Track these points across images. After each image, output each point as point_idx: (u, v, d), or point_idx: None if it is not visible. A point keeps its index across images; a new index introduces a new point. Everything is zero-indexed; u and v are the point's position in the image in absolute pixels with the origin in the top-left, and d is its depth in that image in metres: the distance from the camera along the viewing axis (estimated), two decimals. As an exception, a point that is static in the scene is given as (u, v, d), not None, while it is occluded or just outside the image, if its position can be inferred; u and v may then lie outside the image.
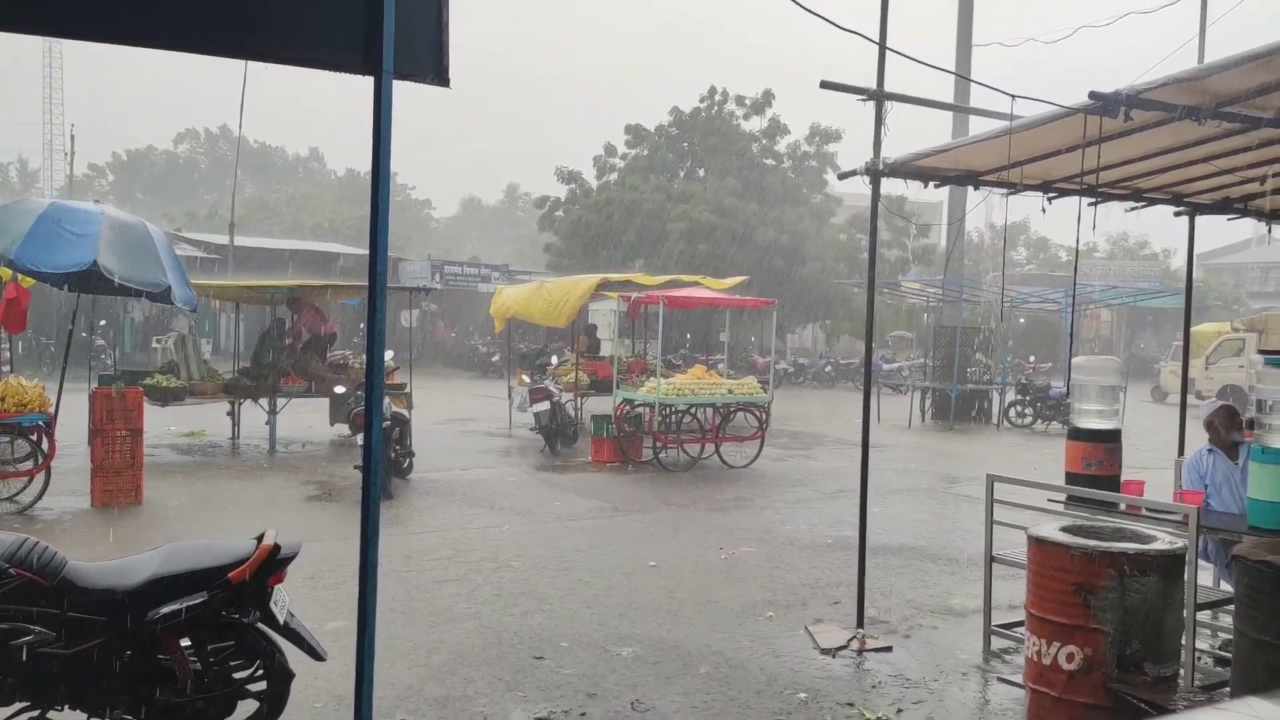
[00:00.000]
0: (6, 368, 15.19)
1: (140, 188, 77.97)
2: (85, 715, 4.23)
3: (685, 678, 5.80)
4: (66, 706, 4.16)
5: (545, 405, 15.11)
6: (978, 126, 8.90)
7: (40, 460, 9.99)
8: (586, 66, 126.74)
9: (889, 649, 6.39)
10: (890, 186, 6.84)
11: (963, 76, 9.57)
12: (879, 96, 6.32)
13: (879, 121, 6.39)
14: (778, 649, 6.36)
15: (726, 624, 6.86)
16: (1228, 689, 4.89)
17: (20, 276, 11.04)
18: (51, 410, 10.07)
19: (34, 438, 10.02)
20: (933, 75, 6.81)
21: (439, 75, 3.31)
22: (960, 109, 7.77)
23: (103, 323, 26.93)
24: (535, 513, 10.67)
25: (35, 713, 4.13)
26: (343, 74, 3.24)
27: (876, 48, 6.22)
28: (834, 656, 6.24)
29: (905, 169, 6.71)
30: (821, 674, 5.94)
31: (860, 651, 6.33)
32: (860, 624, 6.68)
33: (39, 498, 9.95)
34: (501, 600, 7.26)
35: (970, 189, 7.11)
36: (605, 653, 6.17)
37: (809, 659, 6.20)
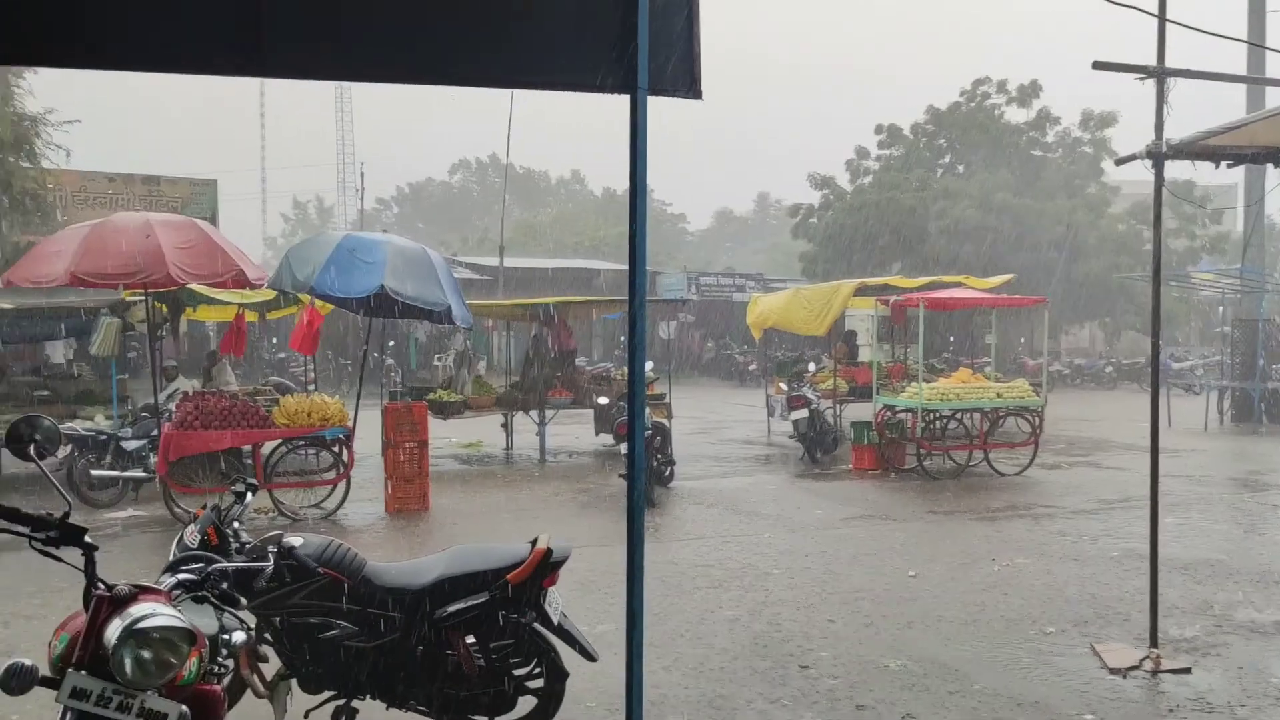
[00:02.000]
0: (312, 386, 16.75)
1: (420, 217, 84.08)
2: (384, 705, 4.57)
3: (959, 694, 5.56)
4: (368, 696, 4.51)
5: (803, 413, 14.99)
6: (1275, 100, 8.07)
7: (341, 470, 10.93)
8: (830, 67, 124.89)
9: (1188, 670, 5.87)
10: (1176, 171, 6.31)
11: (1258, 45, 8.71)
12: (1160, 73, 5.85)
13: (1160, 101, 5.91)
14: (1059, 667, 5.98)
15: (1001, 639, 6.53)
16: None
17: (317, 302, 12.15)
18: (350, 424, 11.00)
19: (335, 450, 10.98)
20: (1220, 49, 6.24)
21: (691, 88, 3.37)
22: (1256, 81, 7.06)
23: (391, 343, 29.20)
24: (795, 520, 10.59)
25: (341, 701, 4.51)
26: (600, 95, 3.37)
27: (1155, 22, 5.78)
28: (1124, 677, 5.80)
29: (1192, 150, 6.16)
30: (1110, 695, 5.54)
31: (1154, 672, 5.85)
32: (1154, 643, 6.17)
33: (341, 504, 10.90)
34: (763, 608, 7.25)
35: (1270, 167, 6.45)
36: (871, 665, 6.03)
37: (1095, 679, 5.79)
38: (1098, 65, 5.97)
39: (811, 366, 17.83)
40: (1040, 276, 29.82)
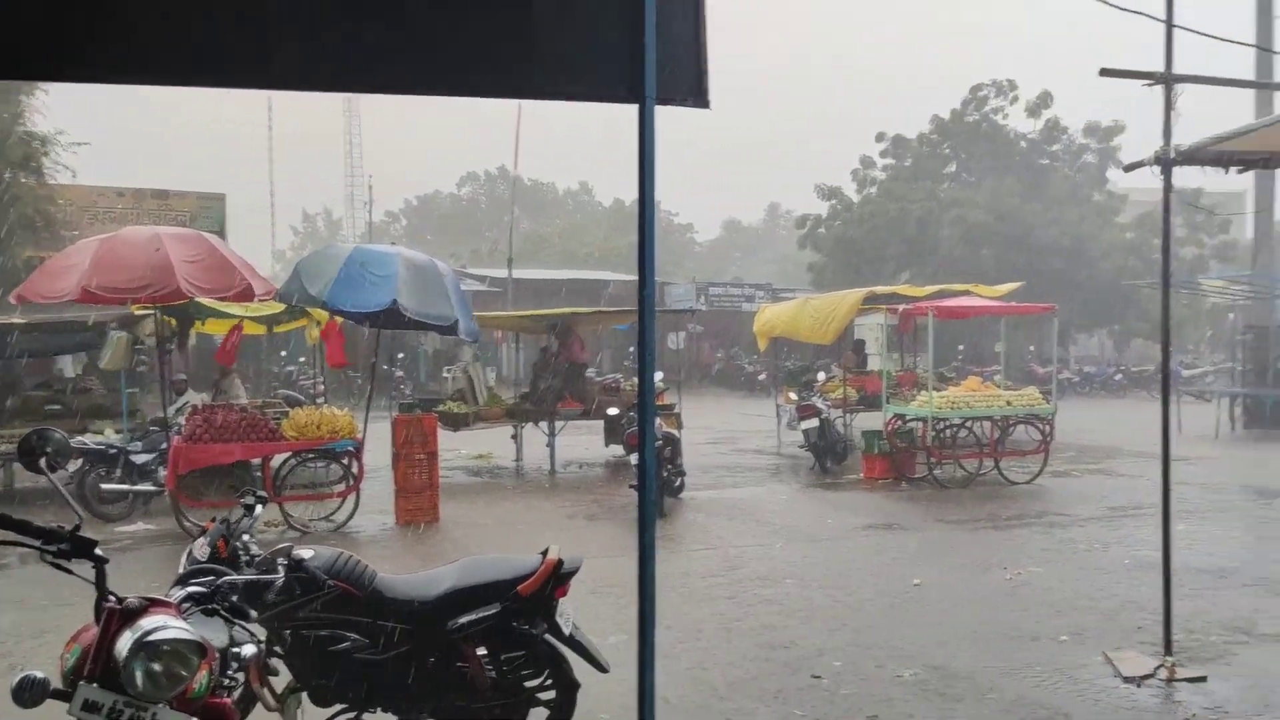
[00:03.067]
0: (321, 399, 16.77)
1: (429, 229, 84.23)
2: (395, 718, 4.55)
3: (972, 703, 5.53)
4: (379, 709, 4.50)
5: (814, 422, 14.96)
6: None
7: (351, 483, 10.93)
8: (836, 74, 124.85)
9: (1203, 679, 5.83)
10: (1184, 179, 6.30)
11: (1267, 49, 8.70)
12: (1167, 79, 5.84)
13: (1168, 107, 5.90)
14: (1073, 676, 5.95)
15: (1013, 648, 6.50)
16: None
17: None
18: (360, 437, 11.00)
19: (345, 462, 10.99)
20: (1226, 55, 6.22)
21: (699, 98, 3.36)
22: (1264, 86, 7.04)
23: (400, 356, 29.22)
24: (807, 530, 10.56)
25: (351, 714, 4.49)
26: (608, 105, 3.36)
27: (1163, 28, 5.77)
28: (1139, 685, 5.76)
29: (1201, 155, 6.14)
30: (1125, 704, 5.50)
31: (1169, 681, 5.80)
32: (1168, 651, 6.12)
33: (351, 517, 10.89)
34: (775, 618, 7.22)
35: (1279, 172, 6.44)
36: (883, 675, 6.00)
37: (1109, 688, 5.76)
38: (1105, 72, 5.98)
39: (821, 375, 17.81)
40: (1049, 284, 29.77)
